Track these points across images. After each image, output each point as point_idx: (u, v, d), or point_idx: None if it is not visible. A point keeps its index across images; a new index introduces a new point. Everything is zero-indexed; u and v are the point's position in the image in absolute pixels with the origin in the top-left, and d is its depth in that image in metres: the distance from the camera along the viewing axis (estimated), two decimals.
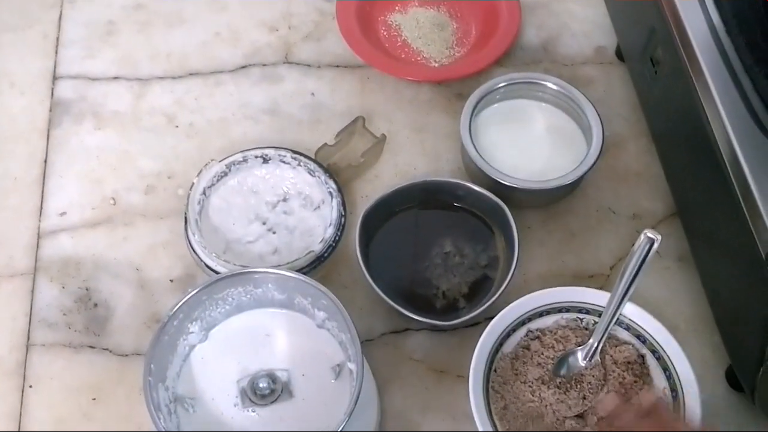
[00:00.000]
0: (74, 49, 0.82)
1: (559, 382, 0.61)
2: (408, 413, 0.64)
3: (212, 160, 0.70)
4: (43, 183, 0.74)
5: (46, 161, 0.75)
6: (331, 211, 0.68)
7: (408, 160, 0.75)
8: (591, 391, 0.60)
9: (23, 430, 0.63)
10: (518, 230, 0.66)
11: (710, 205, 0.64)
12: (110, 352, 0.66)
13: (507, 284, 0.64)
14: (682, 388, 0.59)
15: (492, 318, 0.62)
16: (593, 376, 0.61)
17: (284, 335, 0.60)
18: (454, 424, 0.63)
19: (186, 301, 0.56)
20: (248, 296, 0.60)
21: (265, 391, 0.57)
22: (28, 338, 0.67)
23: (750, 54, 0.60)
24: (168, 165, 0.75)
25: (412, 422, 0.63)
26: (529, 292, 0.63)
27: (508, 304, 0.62)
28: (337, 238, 0.67)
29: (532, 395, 0.60)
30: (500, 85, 0.73)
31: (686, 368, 0.59)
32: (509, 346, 0.62)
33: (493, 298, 0.63)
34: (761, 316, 0.57)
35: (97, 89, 0.80)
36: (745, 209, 0.57)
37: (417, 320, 0.64)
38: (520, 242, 0.65)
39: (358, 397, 0.52)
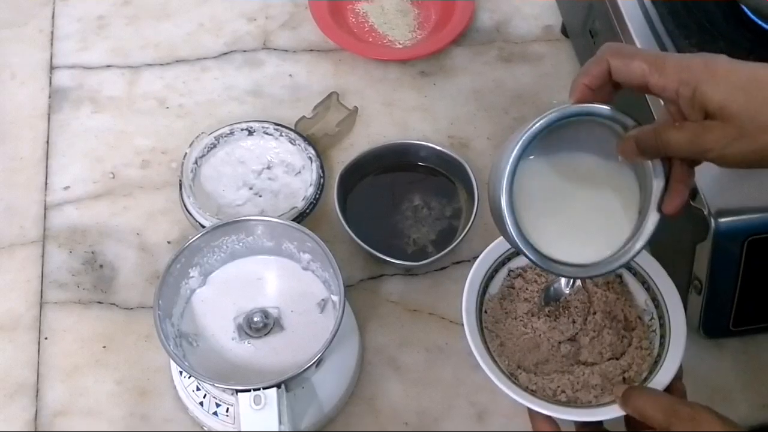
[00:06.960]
0: (69, 42, 0.89)
1: (548, 312, 0.63)
2: (387, 348, 0.71)
3: (202, 132, 0.78)
4: (47, 162, 0.82)
5: (48, 142, 0.83)
6: (311, 174, 0.76)
7: (379, 130, 0.83)
8: (578, 314, 0.63)
9: (41, 377, 0.70)
10: (478, 183, 0.74)
11: None
12: (117, 306, 0.73)
13: (468, 228, 0.72)
14: (662, 295, 0.62)
15: (459, 262, 0.69)
16: (578, 300, 0.63)
17: (274, 278, 0.68)
18: (428, 356, 0.71)
19: (187, 246, 0.64)
20: (241, 244, 0.68)
21: (259, 324, 0.65)
22: (42, 297, 0.74)
23: (672, 20, 0.70)
24: (161, 142, 0.83)
25: (390, 355, 0.71)
26: (493, 237, 0.68)
27: (473, 248, 0.70)
28: (317, 196, 0.75)
29: (525, 328, 0.63)
30: None
31: (662, 276, 0.62)
32: (494, 288, 0.65)
33: (457, 241, 0.72)
34: (687, 245, 0.65)
35: (93, 77, 0.87)
36: None
37: (391, 263, 0.72)
38: (479, 193, 0.74)
39: (341, 319, 0.60)
